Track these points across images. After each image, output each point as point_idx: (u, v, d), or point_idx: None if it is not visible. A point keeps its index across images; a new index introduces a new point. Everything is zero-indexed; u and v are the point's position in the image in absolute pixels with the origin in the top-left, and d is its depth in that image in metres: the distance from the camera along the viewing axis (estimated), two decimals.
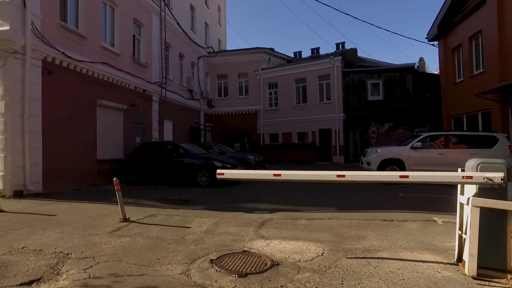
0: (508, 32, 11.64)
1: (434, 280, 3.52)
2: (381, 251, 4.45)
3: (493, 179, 3.28)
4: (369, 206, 7.55)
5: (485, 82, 12.44)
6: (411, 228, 5.77)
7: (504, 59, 11.78)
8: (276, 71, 24.14)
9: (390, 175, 3.58)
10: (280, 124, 23.29)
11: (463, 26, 14.87)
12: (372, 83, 20.88)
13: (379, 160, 11.28)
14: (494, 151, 10.35)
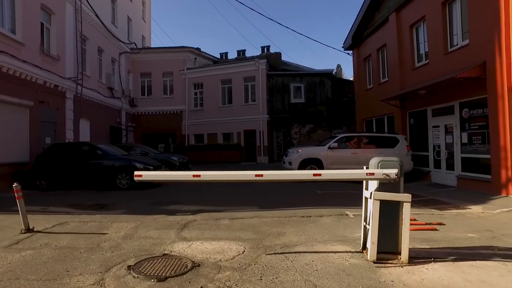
0: (405, 47, 13.31)
1: (343, 267, 3.86)
2: (298, 245, 4.73)
3: (390, 175, 3.72)
4: (290, 204, 7.93)
5: (389, 89, 14.03)
6: (326, 222, 6.22)
7: (403, 70, 13.44)
8: (202, 71, 23.94)
9: (304, 174, 3.83)
10: (206, 125, 23.15)
11: (372, 39, 16.55)
12: (294, 86, 22.00)
13: (300, 160, 11.95)
14: (396, 150, 11.73)
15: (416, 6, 12.45)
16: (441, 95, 10.86)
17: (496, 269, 3.82)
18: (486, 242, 4.94)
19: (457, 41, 10.65)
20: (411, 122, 13.25)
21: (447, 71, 10.23)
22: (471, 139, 9.86)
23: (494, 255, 4.29)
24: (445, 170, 10.97)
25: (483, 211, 7.24)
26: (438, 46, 11.25)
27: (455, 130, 10.45)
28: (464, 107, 10.10)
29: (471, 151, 9.86)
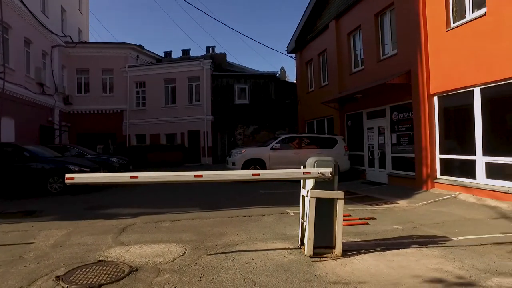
0: (343, 53, 14.15)
1: (281, 264, 4.00)
2: (239, 244, 4.79)
3: (325, 174, 3.94)
4: (233, 204, 7.99)
5: (329, 92, 14.80)
6: (267, 221, 6.38)
7: (341, 74, 14.27)
8: (145, 69, 23.07)
9: (243, 174, 3.90)
10: (148, 125, 22.34)
11: (314, 44, 17.31)
12: (239, 88, 22.19)
13: (243, 160, 12.10)
14: (335, 150, 12.41)
15: (353, 16, 13.30)
16: (375, 99, 11.73)
17: (413, 255, 4.25)
18: (408, 232, 5.45)
19: (388, 50, 11.59)
20: (349, 124, 14.11)
21: (379, 77, 11.08)
22: (399, 140, 10.80)
23: (413, 243, 4.76)
24: (378, 169, 11.87)
25: (408, 205, 7.97)
26: (372, 53, 12.13)
27: (386, 132, 11.36)
28: (394, 110, 11.03)
29: (400, 151, 10.79)
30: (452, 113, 9.06)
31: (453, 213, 6.93)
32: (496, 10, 7.52)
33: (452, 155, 8.94)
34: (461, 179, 8.51)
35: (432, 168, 9.28)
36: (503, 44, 7.27)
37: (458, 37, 8.50)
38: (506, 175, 7.43)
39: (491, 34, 7.58)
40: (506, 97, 7.50)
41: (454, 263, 4.02)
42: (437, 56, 9.15)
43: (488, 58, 7.60)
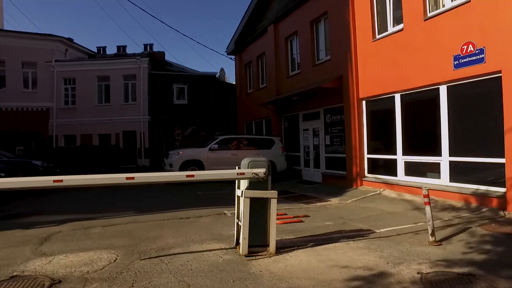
0: (281, 56, 14.63)
1: (217, 264, 4.02)
2: (174, 247, 4.70)
3: (259, 174, 4.05)
4: (169, 207, 7.80)
5: (267, 94, 15.18)
6: (205, 222, 6.36)
7: (279, 77, 14.73)
8: (75, 65, 21.39)
9: (178, 175, 3.85)
10: (79, 125, 20.73)
11: (253, 47, 17.62)
12: (178, 88, 21.66)
13: (181, 162, 11.87)
14: (272, 151, 12.78)
15: (291, 21, 13.81)
16: (310, 102, 12.31)
17: (341, 248, 4.57)
18: (338, 227, 5.84)
19: (322, 56, 12.25)
20: (286, 125, 14.62)
21: (314, 81, 11.66)
22: (332, 141, 11.48)
23: (342, 237, 5.11)
24: (313, 168, 12.48)
25: (339, 202, 8.51)
26: (307, 58, 12.72)
27: (320, 133, 12.00)
28: (328, 113, 11.69)
29: (333, 151, 11.47)
30: (378, 116, 9.89)
31: (377, 208, 7.56)
32: (410, 26, 8.40)
33: (378, 155, 9.75)
34: (385, 176, 9.32)
35: (361, 167, 10.02)
36: (417, 56, 8.15)
37: (382, 48, 9.31)
38: (420, 172, 8.33)
39: (407, 47, 8.44)
40: (420, 102, 8.41)
41: (375, 252, 4.41)
42: (365, 64, 9.91)
43: (406, 68, 8.45)
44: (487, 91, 6.83)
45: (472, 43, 6.96)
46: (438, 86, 7.81)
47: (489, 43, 6.65)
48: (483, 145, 6.95)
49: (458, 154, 7.41)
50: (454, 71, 7.31)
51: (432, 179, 7.99)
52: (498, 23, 6.50)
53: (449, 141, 7.59)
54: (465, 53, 7.08)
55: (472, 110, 7.27)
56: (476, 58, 6.86)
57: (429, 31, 7.94)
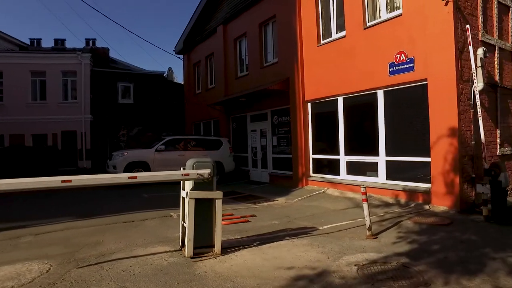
0: (230, 57, 14.67)
1: (161, 268, 3.93)
2: (116, 253, 4.50)
3: (204, 175, 4.04)
4: (113, 210, 7.44)
5: (216, 95, 15.13)
6: (150, 225, 6.17)
7: (227, 78, 14.76)
8: (3, 57, 19.45)
9: (119, 177, 3.69)
10: (7, 124, 18.82)
11: (202, 47, 17.43)
12: (123, 86, 20.69)
13: (125, 163, 11.37)
14: (220, 152, 12.77)
15: (240, 23, 13.90)
16: (258, 103, 12.50)
17: (286, 246, 4.72)
18: (284, 226, 6.01)
19: (270, 58, 12.50)
20: (234, 126, 14.68)
21: (262, 82, 11.86)
22: (279, 142, 11.77)
23: (287, 236, 5.27)
24: (261, 169, 12.68)
25: (286, 201, 8.76)
26: (255, 60, 12.90)
27: (268, 134, 12.24)
28: (275, 114, 11.96)
29: (279, 152, 11.76)
30: (322, 118, 10.33)
31: (321, 206, 7.91)
32: (352, 34, 8.93)
33: (322, 155, 10.19)
34: (329, 176, 9.78)
35: (306, 167, 10.40)
36: (358, 62, 8.68)
37: (326, 53, 9.76)
38: (361, 171, 8.88)
39: (349, 53, 8.95)
40: (361, 106, 8.96)
41: (318, 248, 4.61)
42: (310, 67, 10.31)
43: (348, 72, 8.95)
44: (417, 97, 7.48)
45: (404, 53, 7.58)
46: (376, 91, 8.38)
47: (418, 53, 7.30)
48: (414, 145, 7.60)
49: (393, 154, 8.02)
50: (390, 77, 7.90)
51: (371, 178, 8.55)
52: (424, 36, 7.15)
53: (385, 142, 8.19)
54: (398, 61, 7.70)
55: (404, 113, 7.92)
56: (407, 66, 7.49)
57: (368, 39, 8.49)
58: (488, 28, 7.88)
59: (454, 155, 6.67)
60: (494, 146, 7.80)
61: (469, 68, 6.92)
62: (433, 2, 6.99)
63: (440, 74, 6.88)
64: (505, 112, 8.31)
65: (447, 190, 6.74)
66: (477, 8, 7.50)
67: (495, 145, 7.82)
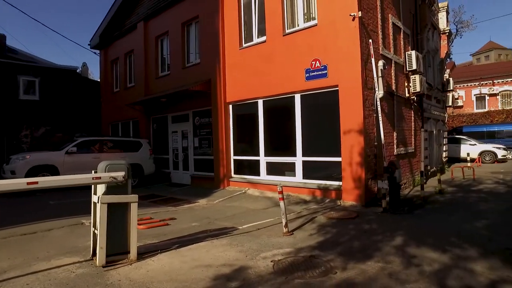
0: (151, 56, 14.08)
1: (67, 281, 3.60)
2: (9, 271, 3.95)
3: (117, 178, 3.82)
4: (10, 222, 6.54)
5: (135, 94, 14.35)
6: (56, 235, 5.60)
7: (148, 77, 14.13)
8: None
9: (15, 183, 3.27)
10: None
11: (121, 43, 16.38)
12: (26, 80, 18.29)
13: (28, 168, 10.05)
14: (139, 154, 12.16)
15: (162, 21, 13.42)
16: (179, 104, 12.23)
17: (205, 247, 4.72)
18: (204, 227, 5.98)
19: (192, 59, 12.33)
20: (155, 127, 14.12)
21: (184, 83, 11.63)
22: (201, 143, 11.68)
23: (207, 237, 5.27)
24: (182, 171, 12.42)
25: (207, 203, 8.73)
26: (178, 60, 12.60)
27: (189, 135, 12.05)
28: (196, 115, 11.83)
29: (201, 153, 11.67)
30: (244, 120, 10.55)
31: (242, 206, 8.07)
32: (272, 39, 9.32)
33: (243, 156, 10.40)
34: (250, 176, 10.02)
35: (228, 169, 10.51)
36: (277, 66, 9.08)
37: (248, 56, 10.00)
38: (280, 171, 9.29)
39: (269, 57, 9.32)
40: (280, 108, 9.39)
41: (236, 247, 4.70)
42: (232, 70, 10.45)
43: (268, 76, 9.31)
44: (330, 101, 8.11)
45: (318, 60, 8.17)
46: (294, 95, 8.87)
47: (330, 61, 7.94)
48: (327, 146, 8.22)
49: (309, 155, 8.58)
50: (306, 82, 8.44)
51: (289, 177, 9.00)
52: (336, 46, 7.82)
53: (302, 143, 8.71)
54: (313, 67, 8.27)
55: (319, 116, 8.53)
56: (321, 73, 8.10)
57: (287, 46, 8.95)
58: (386, 44, 8.95)
59: (360, 155, 7.40)
60: (392, 146, 8.87)
61: (372, 78, 7.77)
62: (343, 17, 7.68)
63: (348, 81, 7.59)
64: (400, 117, 9.52)
65: (355, 186, 7.45)
66: (378, 26, 8.47)
67: (393, 145, 8.89)
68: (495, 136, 19.83)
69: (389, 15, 9.23)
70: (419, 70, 9.83)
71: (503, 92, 32.26)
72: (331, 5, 7.98)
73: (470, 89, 33.39)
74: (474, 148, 17.83)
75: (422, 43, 12.11)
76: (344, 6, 7.68)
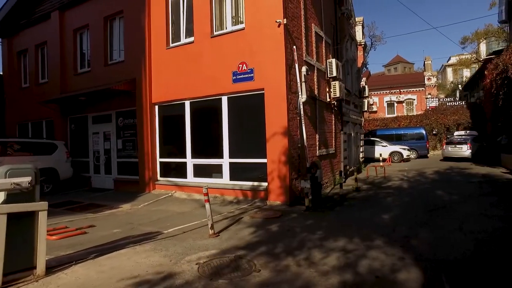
0: (68, 50, 12.87)
1: None
2: None
3: (21, 184, 3.43)
4: None
5: (50, 92, 12.98)
6: None
7: (65, 73, 12.90)
8: None
9: None
10: None
11: (30, 32, 14.63)
12: None
13: None
14: (54, 157, 11.02)
15: (81, 12, 12.34)
16: (101, 103, 11.41)
17: (126, 254, 4.48)
18: (126, 233, 5.68)
19: (116, 56, 11.60)
20: (73, 128, 12.94)
21: (107, 81, 10.88)
22: (125, 145, 11.04)
23: (128, 243, 5.01)
24: (104, 175, 11.60)
25: (131, 207, 8.29)
26: (99, 56, 11.74)
27: (112, 137, 11.31)
28: (120, 116, 11.17)
29: (125, 156, 11.04)
30: (170, 121, 10.25)
31: (168, 209, 7.83)
32: (200, 40, 9.24)
33: (170, 159, 10.11)
34: (176, 179, 9.78)
35: (153, 171, 10.11)
36: (205, 68, 9.04)
37: (175, 56, 9.76)
38: (207, 173, 9.25)
39: (197, 58, 9.22)
40: (207, 110, 9.35)
41: (161, 252, 4.56)
42: (159, 69, 10.09)
43: (195, 77, 9.20)
44: (256, 104, 8.32)
45: (245, 63, 8.34)
46: (221, 97, 8.90)
47: (257, 65, 8.15)
48: (254, 148, 8.41)
49: (236, 156, 8.69)
50: (233, 85, 8.53)
51: (216, 179, 9.00)
52: (262, 51, 8.06)
53: (229, 145, 8.78)
54: (240, 70, 8.40)
55: (246, 118, 8.69)
56: (248, 76, 8.27)
57: (215, 48, 8.95)
58: (309, 51, 9.50)
59: (285, 156, 7.73)
60: (315, 148, 9.43)
61: (296, 82, 8.18)
62: (270, 23, 7.96)
63: (274, 85, 7.88)
64: (322, 121, 10.17)
65: (280, 186, 7.75)
66: (302, 34, 8.95)
67: (315, 147, 9.46)
68: (401, 138, 22.29)
69: (312, 24, 9.82)
70: (339, 77, 10.63)
71: (407, 100, 36.65)
72: (259, 11, 8.21)
73: (383, 96, 37.21)
74: (386, 149, 19.84)
75: (341, 52, 13.12)
76: (271, 13, 7.97)
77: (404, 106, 36.51)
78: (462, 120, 24.91)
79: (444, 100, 32.22)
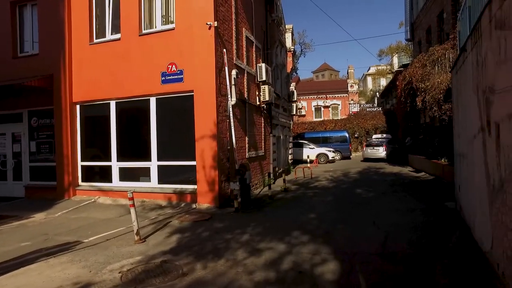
0: None
1: None
2: None
3: None
4: None
5: None
6: None
7: None
8: None
9: None
10: None
11: None
12: None
13: None
14: None
15: None
16: (9, 101, 10.14)
17: (37, 270, 4.08)
18: (38, 246, 5.15)
19: (28, 48, 10.43)
20: None
21: (16, 76, 9.69)
22: (40, 148, 9.97)
23: (40, 256, 4.56)
24: (12, 181, 10.29)
25: (46, 216, 7.53)
26: (6, 47, 10.41)
27: (23, 139, 10.13)
28: (34, 115, 10.07)
29: (40, 160, 9.96)
30: (94, 122, 9.57)
31: (90, 217, 7.30)
32: (127, 38, 8.80)
33: (93, 162, 9.43)
34: (100, 184, 9.15)
35: (74, 176, 9.32)
36: (132, 67, 8.63)
37: (100, 53, 9.14)
38: (134, 177, 8.82)
39: (124, 57, 8.76)
40: (134, 111, 8.93)
41: (79, 263, 4.24)
42: (80, 66, 9.34)
43: (122, 76, 8.73)
44: (185, 106, 8.19)
45: (175, 64, 8.16)
46: (149, 98, 8.58)
47: (187, 66, 8.04)
48: (183, 150, 8.26)
49: (165, 159, 8.44)
50: (162, 86, 8.29)
51: (144, 183, 8.64)
52: (192, 52, 7.98)
53: (157, 147, 8.50)
54: (170, 71, 8.21)
55: (175, 120, 8.51)
56: (177, 77, 8.12)
57: (143, 46, 8.59)
58: (240, 55, 9.66)
59: (214, 159, 7.73)
60: (244, 150, 9.60)
61: (226, 85, 8.24)
62: (200, 24, 7.91)
63: (203, 87, 7.85)
64: (251, 123, 10.40)
65: (209, 189, 7.73)
66: (232, 37, 9.07)
67: (245, 149, 9.63)
68: (327, 141, 23.79)
69: (243, 28, 10.01)
70: (269, 81, 10.99)
71: (333, 105, 39.35)
72: (189, 12, 8.11)
73: (311, 101, 39.36)
74: (313, 151, 20.98)
75: (271, 58, 13.58)
76: (201, 14, 7.93)
77: (330, 110, 39.12)
78: (379, 125, 27.52)
79: (365, 106, 35.37)
